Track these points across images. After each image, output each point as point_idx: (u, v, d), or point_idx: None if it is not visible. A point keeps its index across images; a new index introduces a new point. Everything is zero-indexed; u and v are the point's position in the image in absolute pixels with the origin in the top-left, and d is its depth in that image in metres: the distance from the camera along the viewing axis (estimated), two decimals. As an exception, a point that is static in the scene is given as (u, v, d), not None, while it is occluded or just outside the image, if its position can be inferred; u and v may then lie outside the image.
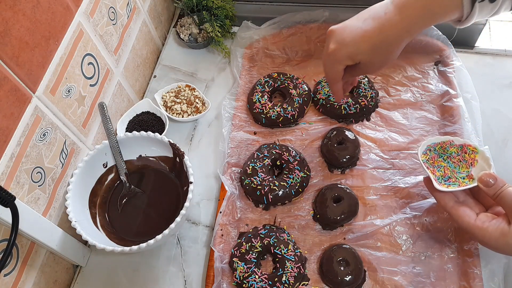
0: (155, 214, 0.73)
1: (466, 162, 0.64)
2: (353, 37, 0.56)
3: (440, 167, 0.64)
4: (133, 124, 0.83)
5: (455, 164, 0.64)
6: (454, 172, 0.63)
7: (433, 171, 0.64)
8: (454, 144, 0.65)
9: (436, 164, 0.65)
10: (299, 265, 0.65)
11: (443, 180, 0.63)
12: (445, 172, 0.64)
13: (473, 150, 0.64)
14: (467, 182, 0.61)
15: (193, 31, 0.95)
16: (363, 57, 0.56)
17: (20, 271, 0.59)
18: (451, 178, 0.63)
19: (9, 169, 0.54)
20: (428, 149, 0.66)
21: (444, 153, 0.65)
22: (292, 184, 0.71)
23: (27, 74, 0.55)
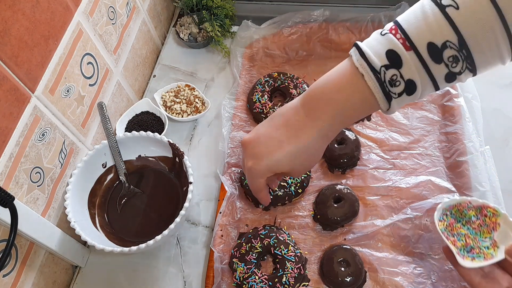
0: (154, 214, 0.72)
1: (487, 227, 0.59)
2: (268, 149, 0.52)
3: (460, 235, 0.59)
4: (132, 124, 0.82)
5: (476, 230, 0.59)
6: (476, 240, 0.58)
7: (454, 242, 0.58)
8: (472, 206, 0.60)
9: (456, 231, 0.59)
10: (299, 266, 0.64)
11: (465, 252, 0.57)
12: (466, 242, 0.58)
13: (494, 213, 0.59)
14: (493, 253, 0.56)
15: (192, 30, 0.95)
16: (283, 168, 0.53)
17: (19, 272, 0.58)
18: (474, 248, 0.57)
19: (8, 169, 0.53)
20: (444, 214, 0.61)
21: (462, 217, 0.61)
22: (292, 184, 0.71)
23: (26, 74, 0.55)
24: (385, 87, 0.45)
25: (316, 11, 0.91)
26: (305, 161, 0.53)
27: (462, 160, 0.73)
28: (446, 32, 0.42)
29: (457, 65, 0.43)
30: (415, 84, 0.45)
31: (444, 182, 0.73)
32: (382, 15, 0.89)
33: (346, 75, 0.48)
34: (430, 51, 0.43)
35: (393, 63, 0.44)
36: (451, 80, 0.45)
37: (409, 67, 0.44)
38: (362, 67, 0.46)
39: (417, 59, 0.43)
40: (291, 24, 0.92)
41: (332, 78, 0.49)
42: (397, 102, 0.46)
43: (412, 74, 0.44)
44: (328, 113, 0.49)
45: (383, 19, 0.89)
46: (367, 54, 0.45)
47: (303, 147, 0.51)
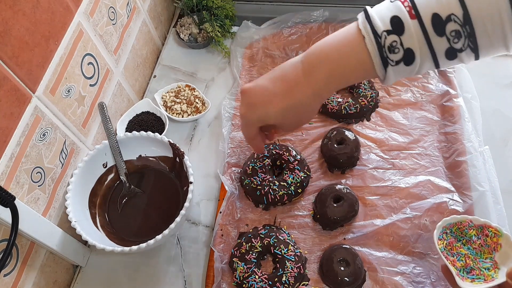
0: (155, 214, 0.72)
1: (488, 247, 0.58)
2: (262, 100, 0.53)
3: (460, 255, 0.58)
4: (133, 124, 0.83)
5: (477, 250, 0.58)
6: (477, 261, 0.57)
7: (453, 262, 0.57)
8: (473, 225, 0.59)
9: (455, 251, 0.58)
10: (299, 265, 0.64)
11: (465, 272, 0.56)
12: (466, 262, 0.57)
13: (495, 233, 0.58)
14: (493, 275, 0.55)
15: (193, 31, 0.95)
16: (273, 120, 0.54)
17: (20, 271, 0.59)
18: (474, 269, 0.56)
19: (9, 169, 0.54)
20: (444, 232, 0.60)
21: (462, 236, 0.59)
22: (292, 184, 0.71)
23: (27, 74, 0.55)
24: (383, 52, 0.45)
25: (316, 12, 0.92)
26: (296, 117, 0.54)
27: (461, 160, 0.73)
28: (452, 5, 0.42)
29: (459, 41, 0.43)
30: (414, 54, 0.45)
31: (443, 182, 0.73)
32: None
33: (348, 36, 0.48)
34: (434, 22, 0.43)
35: (395, 30, 0.44)
36: (452, 56, 0.45)
37: (410, 35, 0.44)
38: (365, 30, 0.46)
39: (420, 28, 0.44)
40: (291, 24, 0.92)
41: (335, 37, 0.50)
42: (394, 71, 0.46)
43: (412, 43, 0.44)
44: (324, 71, 0.49)
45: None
46: (372, 17, 0.46)
47: (295, 104, 0.52)
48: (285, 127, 0.56)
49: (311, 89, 0.50)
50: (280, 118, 0.53)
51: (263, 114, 0.54)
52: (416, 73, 0.48)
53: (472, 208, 0.69)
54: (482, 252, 0.58)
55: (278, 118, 0.53)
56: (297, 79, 0.51)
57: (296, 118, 0.54)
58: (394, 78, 0.48)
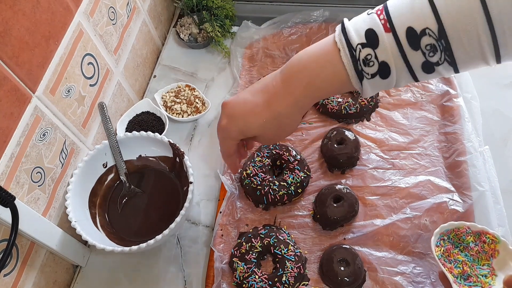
0: (155, 214, 0.72)
1: (486, 254, 0.58)
2: (243, 112, 0.52)
3: (457, 262, 0.58)
4: (133, 124, 0.83)
5: (474, 257, 0.58)
6: (474, 268, 0.57)
7: (451, 269, 0.57)
8: (470, 231, 0.59)
9: (453, 257, 0.58)
10: (299, 265, 0.65)
11: (462, 280, 0.56)
12: (463, 269, 0.57)
13: (493, 240, 0.58)
14: (490, 282, 0.55)
15: (193, 31, 0.95)
16: (254, 132, 0.53)
17: (20, 271, 0.59)
18: (471, 276, 0.56)
19: (9, 169, 0.54)
20: (441, 239, 0.60)
21: (460, 242, 0.60)
22: (292, 184, 0.71)
23: (27, 74, 0.55)
24: (358, 65, 0.45)
25: (316, 12, 0.92)
26: (277, 129, 0.53)
27: (461, 160, 0.73)
28: (427, 19, 0.41)
29: (434, 55, 0.43)
30: (389, 68, 0.44)
31: (443, 182, 0.73)
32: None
33: (325, 48, 0.48)
34: (408, 36, 0.43)
35: (370, 43, 0.44)
36: (430, 70, 0.44)
37: (384, 49, 0.44)
38: (340, 42, 0.46)
39: (394, 42, 0.43)
40: (291, 24, 0.92)
41: (312, 49, 0.49)
42: (370, 84, 0.46)
43: (386, 56, 0.44)
44: (302, 82, 0.49)
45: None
46: (348, 30, 0.45)
47: (275, 115, 0.51)
48: (266, 139, 0.55)
49: (290, 99, 0.50)
50: (261, 129, 0.53)
51: (243, 126, 0.53)
52: (395, 86, 0.47)
53: (472, 208, 0.69)
54: (480, 258, 0.58)
55: (259, 129, 0.53)
56: (276, 90, 0.51)
57: (277, 129, 0.53)
58: (371, 91, 0.47)
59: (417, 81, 0.46)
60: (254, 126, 0.52)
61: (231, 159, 0.59)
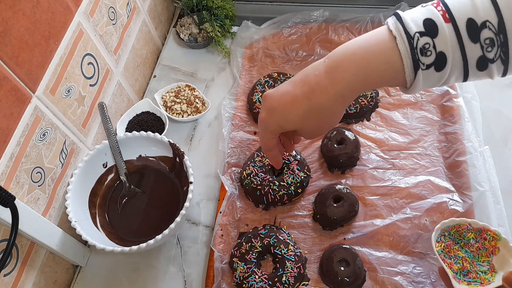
0: (155, 214, 0.72)
1: (486, 250, 0.58)
2: (282, 104, 0.50)
3: (457, 258, 0.58)
4: (133, 124, 0.83)
5: (474, 253, 0.58)
6: (474, 264, 0.57)
7: (450, 264, 0.58)
8: (471, 228, 0.59)
9: (453, 253, 0.59)
10: (299, 265, 0.65)
11: (462, 275, 0.57)
12: (463, 265, 0.57)
13: (494, 237, 0.58)
14: (490, 278, 0.55)
15: (193, 31, 0.95)
16: (293, 126, 0.51)
17: (20, 271, 0.59)
18: (471, 272, 0.56)
19: (9, 169, 0.54)
20: (442, 235, 0.60)
21: (460, 238, 0.60)
22: (292, 184, 0.71)
23: (27, 74, 0.55)
24: (415, 54, 0.43)
25: (316, 12, 0.92)
26: (317, 122, 0.51)
27: (461, 160, 0.73)
28: (488, 12, 0.41)
29: (492, 50, 0.42)
30: (446, 59, 0.43)
31: (443, 182, 0.73)
32: (382, 16, 0.89)
33: (377, 36, 0.46)
34: (468, 27, 0.42)
35: (428, 32, 0.43)
36: (483, 67, 0.43)
37: (443, 38, 0.42)
38: (396, 30, 0.44)
39: (454, 32, 0.42)
40: (291, 24, 0.92)
41: (362, 38, 0.47)
42: (423, 76, 0.44)
43: (445, 47, 0.43)
44: (349, 70, 0.46)
45: (382, 19, 0.89)
46: (404, 18, 0.44)
47: (316, 107, 0.48)
48: (306, 133, 0.53)
49: (333, 90, 0.47)
50: (300, 122, 0.50)
51: (282, 119, 0.51)
52: (444, 83, 0.46)
53: (472, 208, 0.69)
54: (480, 255, 0.58)
55: (298, 122, 0.50)
56: (319, 79, 0.48)
57: (318, 122, 0.51)
58: (421, 85, 0.46)
59: (465, 79, 0.45)
60: (293, 119, 0.50)
61: (272, 153, 0.57)
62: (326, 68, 0.48)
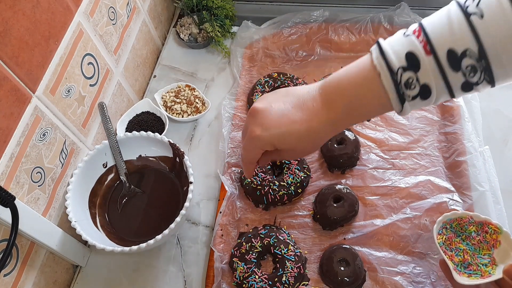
0: (155, 214, 0.72)
1: (487, 244, 0.58)
2: (279, 125, 0.52)
3: (458, 251, 0.59)
4: (133, 124, 0.83)
5: (475, 246, 0.59)
6: (475, 257, 0.58)
7: (451, 257, 0.58)
8: (473, 221, 0.60)
9: (454, 246, 0.59)
10: (299, 265, 0.65)
11: (462, 268, 0.57)
12: (464, 258, 0.58)
13: (495, 230, 0.58)
14: (490, 271, 0.56)
15: (193, 31, 0.95)
16: (288, 146, 0.53)
17: (20, 271, 0.59)
18: (472, 265, 0.57)
19: (9, 169, 0.54)
20: (444, 227, 0.61)
21: (462, 231, 0.60)
22: (292, 184, 0.71)
23: (27, 74, 0.55)
24: (399, 89, 0.45)
25: (315, 12, 0.92)
26: (309, 144, 0.53)
27: (461, 160, 0.73)
28: (467, 40, 0.42)
29: (474, 75, 0.43)
30: (430, 90, 0.45)
31: (443, 182, 0.73)
32: (382, 16, 0.89)
33: (363, 71, 0.48)
34: (449, 58, 0.43)
35: (411, 66, 0.44)
36: (468, 89, 0.45)
37: (426, 72, 0.44)
38: (380, 66, 0.46)
39: (436, 64, 0.43)
40: (291, 24, 0.92)
41: (350, 72, 0.49)
42: (411, 105, 0.47)
43: (428, 79, 0.44)
44: (342, 105, 0.49)
45: (382, 19, 0.89)
46: (387, 53, 0.45)
47: (313, 131, 0.51)
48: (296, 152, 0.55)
49: (329, 120, 0.50)
50: (295, 143, 0.52)
51: (278, 138, 0.52)
52: (432, 104, 0.48)
53: (472, 208, 0.69)
54: (481, 248, 0.58)
55: (293, 143, 0.52)
56: (316, 110, 0.51)
57: (309, 144, 0.53)
58: (410, 111, 0.48)
59: (453, 98, 0.47)
60: (290, 140, 0.52)
61: (252, 167, 0.59)
62: (322, 100, 0.51)
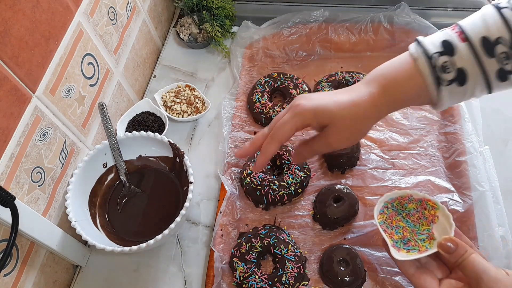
0: (155, 214, 0.72)
1: (426, 220, 0.60)
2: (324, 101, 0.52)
3: (398, 228, 0.60)
4: (133, 124, 0.83)
5: (415, 223, 0.60)
6: (414, 233, 0.59)
7: (391, 234, 0.59)
8: (413, 199, 0.61)
9: (395, 224, 0.60)
10: (299, 265, 0.65)
11: (402, 244, 0.58)
12: (404, 235, 0.59)
13: (433, 206, 0.60)
14: (428, 246, 0.57)
15: (193, 31, 0.95)
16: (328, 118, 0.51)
17: (20, 271, 0.59)
18: (411, 241, 0.58)
19: (9, 169, 0.54)
20: (385, 207, 0.62)
21: (402, 209, 0.61)
22: (292, 184, 0.71)
23: (27, 74, 0.55)
24: (435, 72, 0.48)
25: (315, 12, 0.92)
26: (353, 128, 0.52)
27: (461, 160, 0.73)
28: (500, 29, 0.46)
29: (508, 62, 0.46)
30: (466, 74, 0.47)
31: (443, 182, 0.73)
32: (382, 16, 0.89)
33: (402, 60, 0.51)
34: (483, 44, 0.46)
35: (446, 51, 0.48)
36: (503, 78, 0.47)
37: (461, 56, 0.47)
38: (416, 53, 0.49)
39: (470, 49, 0.47)
40: (291, 24, 0.92)
41: (390, 63, 0.52)
42: (448, 92, 0.48)
43: (463, 63, 0.47)
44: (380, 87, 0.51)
45: (382, 19, 0.89)
46: (423, 42, 0.49)
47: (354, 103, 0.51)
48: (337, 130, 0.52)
49: (370, 95, 0.51)
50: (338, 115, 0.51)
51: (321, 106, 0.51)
52: (470, 96, 0.50)
53: (472, 208, 0.69)
54: (420, 224, 0.60)
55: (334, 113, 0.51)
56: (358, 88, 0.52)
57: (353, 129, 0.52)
58: (448, 101, 0.49)
59: (491, 91, 0.49)
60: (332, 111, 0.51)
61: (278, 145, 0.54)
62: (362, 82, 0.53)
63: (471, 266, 0.50)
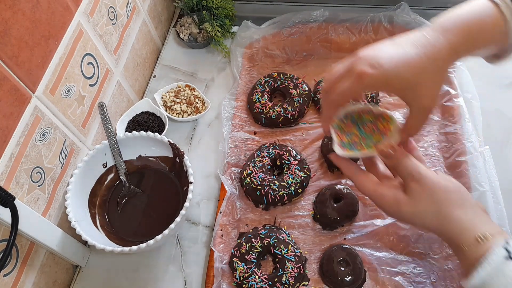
0: (155, 214, 0.72)
1: (379, 131, 0.59)
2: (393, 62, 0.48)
3: (351, 134, 0.60)
4: (132, 124, 0.83)
5: (368, 132, 0.59)
6: (364, 140, 0.59)
7: (341, 137, 0.59)
8: (371, 112, 0.60)
9: (348, 130, 0.60)
10: (299, 266, 0.64)
11: (349, 146, 0.58)
12: (353, 139, 0.59)
13: (387, 119, 0.59)
14: (370, 150, 0.57)
15: (193, 31, 0.95)
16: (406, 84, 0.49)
17: (19, 271, 0.59)
18: (358, 145, 0.58)
19: (9, 169, 0.54)
20: (345, 116, 0.61)
21: (360, 121, 0.61)
22: (292, 184, 0.71)
23: (27, 74, 0.55)
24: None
25: (316, 12, 0.91)
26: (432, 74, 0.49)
27: (462, 160, 0.73)
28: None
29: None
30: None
31: (443, 182, 0.73)
32: (382, 15, 0.89)
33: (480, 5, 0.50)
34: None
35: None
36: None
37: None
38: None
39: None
40: (291, 24, 0.92)
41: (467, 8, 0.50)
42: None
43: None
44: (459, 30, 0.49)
45: (382, 19, 0.89)
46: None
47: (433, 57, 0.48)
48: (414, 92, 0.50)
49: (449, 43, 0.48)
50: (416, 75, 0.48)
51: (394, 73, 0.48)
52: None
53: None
54: (373, 134, 0.60)
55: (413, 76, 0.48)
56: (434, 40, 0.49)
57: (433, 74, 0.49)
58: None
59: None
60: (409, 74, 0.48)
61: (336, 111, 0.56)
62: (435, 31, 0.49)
63: (404, 166, 0.52)
